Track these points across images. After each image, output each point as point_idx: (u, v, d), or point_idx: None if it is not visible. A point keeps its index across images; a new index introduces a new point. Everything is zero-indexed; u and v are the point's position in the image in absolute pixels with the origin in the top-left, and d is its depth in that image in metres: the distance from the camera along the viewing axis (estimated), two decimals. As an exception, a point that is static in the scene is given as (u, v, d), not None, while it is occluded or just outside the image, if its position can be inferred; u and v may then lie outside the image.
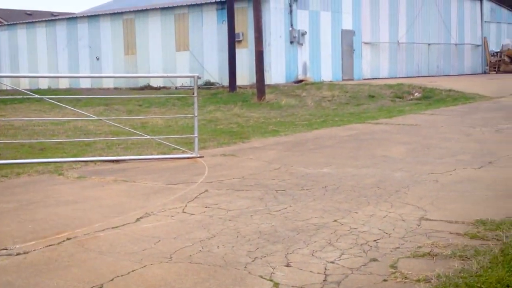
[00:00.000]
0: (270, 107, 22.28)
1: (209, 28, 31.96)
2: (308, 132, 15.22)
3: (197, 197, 8.17)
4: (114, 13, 36.16)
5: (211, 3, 31.86)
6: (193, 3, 32.78)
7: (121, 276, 5.18)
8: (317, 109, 22.18)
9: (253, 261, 5.51)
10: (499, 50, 43.89)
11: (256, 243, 6.03)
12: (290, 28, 30.58)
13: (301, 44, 31.13)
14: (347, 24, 33.86)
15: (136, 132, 13.07)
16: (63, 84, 37.26)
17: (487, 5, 45.51)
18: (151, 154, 11.85)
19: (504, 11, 47.90)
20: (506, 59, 41.92)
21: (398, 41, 37.44)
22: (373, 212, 7.16)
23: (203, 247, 5.93)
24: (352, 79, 33.38)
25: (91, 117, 14.61)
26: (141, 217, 7.11)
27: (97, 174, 9.96)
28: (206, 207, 7.55)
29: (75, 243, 6.13)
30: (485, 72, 43.57)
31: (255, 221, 6.86)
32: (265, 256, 5.62)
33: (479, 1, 44.70)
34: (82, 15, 38.77)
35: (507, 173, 9.34)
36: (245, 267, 5.36)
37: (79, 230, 6.58)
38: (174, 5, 33.60)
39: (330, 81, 31.11)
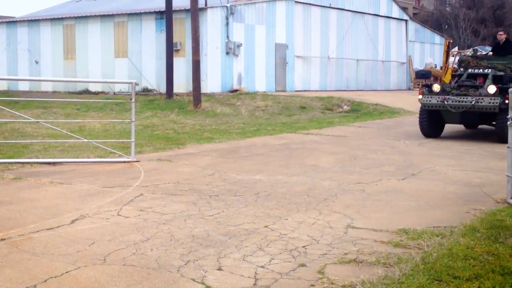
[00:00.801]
0: (205, 115, 22.20)
1: (148, 37, 31.72)
2: (242, 140, 15.20)
3: (132, 200, 8.06)
4: (55, 18, 35.50)
5: (150, 13, 31.64)
6: (132, 11, 32.50)
7: (55, 277, 5.07)
8: (251, 118, 22.20)
9: (185, 264, 5.45)
10: (422, 68, 44.81)
11: (189, 246, 5.98)
12: (226, 40, 30.60)
13: (237, 56, 31.17)
14: (281, 38, 34.06)
15: (74, 135, 12.84)
16: (1, 86, 36.27)
17: (411, 26, 46.44)
18: (88, 157, 11.64)
19: (427, 32, 48.98)
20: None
21: (328, 56, 37.82)
22: (302, 219, 7.18)
23: (137, 249, 5.85)
24: (284, 91, 33.52)
25: (29, 119, 14.29)
26: (76, 219, 6.97)
27: (33, 175, 9.73)
28: (141, 211, 7.45)
29: (9, 243, 5.96)
30: (409, 89, 44.35)
31: (188, 225, 6.80)
32: (197, 260, 5.57)
33: (405, 22, 45.57)
34: (22, 19, 37.91)
35: (428, 185, 9.49)
36: (178, 270, 5.30)
37: (14, 231, 6.41)
38: (113, 13, 33.23)
39: (264, 92, 31.18)
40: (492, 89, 14.88)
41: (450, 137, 16.60)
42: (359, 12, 40.20)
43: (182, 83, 29.35)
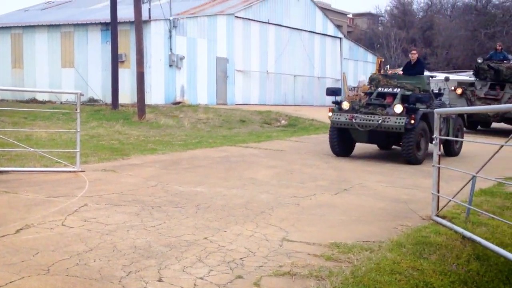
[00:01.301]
0: (149, 126, 22.05)
1: (94, 47, 31.39)
2: (184, 152, 15.15)
3: (76, 210, 7.96)
4: (2, 27, 34.82)
5: (96, 24, 31.34)
6: (78, 22, 32.15)
7: (-1, 287, 4.99)
8: (193, 130, 22.16)
9: (127, 275, 5.43)
10: (356, 85, 45.46)
11: (131, 257, 5.95)
12: (170, 52, 30.51)
13: (179, 68, 31.09)
14: (222, 52, 34.13)
15: (20, 144, 12.58)
16: None
17: (346, 44, 47.12)
18: (34, 167, 11.45)
19: (360, 50, 49.75)
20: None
21: (267, 71, 38.02)
22: (240, 231, 7.21)
23: (80, 260, 5.79)
24: (225, 104, 33.57)
25: (-25, 127, 13.98)
26: (21, 229, 6.86)
27: (-22, 184, 9.54)
28: (85, 221, 7.38)
29: (-46, 253, 5.84)
30: (343, 104, 44.90)
31: (131, 236, 6.77)
32: (139, 271, 5.55)
33: (339, 39, 46.22)
34: (-30, 27, 37.11)
35: (359, 200, 9.62)
36: (120, 281, 5.27)
37: (-41, 240, 6.28)
38: (60, 23, 32.80)
39: (206, 105, 31.18)
40: (398, 108, 14.37)
41: (381, 154, 16.87)
42: (296, 29, 40.57)
43: (127, 94, 29.11)
